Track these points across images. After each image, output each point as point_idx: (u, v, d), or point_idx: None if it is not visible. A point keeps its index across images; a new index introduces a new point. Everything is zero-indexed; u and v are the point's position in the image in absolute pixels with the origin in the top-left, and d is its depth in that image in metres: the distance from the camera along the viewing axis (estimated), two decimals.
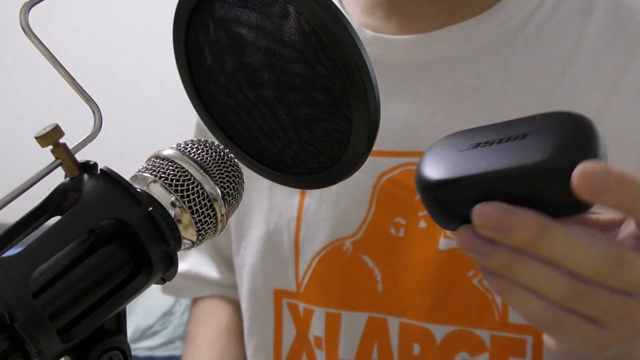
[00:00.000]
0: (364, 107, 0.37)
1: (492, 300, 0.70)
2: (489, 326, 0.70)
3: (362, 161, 0.40)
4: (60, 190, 0.38)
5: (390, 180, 0.72)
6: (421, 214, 0.71)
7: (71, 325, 0.35)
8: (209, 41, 0.41)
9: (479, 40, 0.71)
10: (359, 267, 0.74)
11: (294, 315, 0.78)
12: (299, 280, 0.76)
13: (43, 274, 0.35)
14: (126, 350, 0.37)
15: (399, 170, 0.72)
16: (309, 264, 0.76)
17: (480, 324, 0.71)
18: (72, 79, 0.37)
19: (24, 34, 0.37)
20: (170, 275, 0.39)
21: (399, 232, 0.72)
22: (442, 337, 0.72)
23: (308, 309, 0.76)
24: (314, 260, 0.76)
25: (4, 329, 0.33)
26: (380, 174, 0.72)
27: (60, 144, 0.37)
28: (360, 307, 0.74)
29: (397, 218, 0.72)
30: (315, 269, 0.76)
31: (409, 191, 0.71)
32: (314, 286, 0.76)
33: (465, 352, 0.71)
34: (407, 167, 0.72)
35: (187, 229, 0.39)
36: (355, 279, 0.74)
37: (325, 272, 0.75)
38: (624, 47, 0.69)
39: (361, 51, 0.36)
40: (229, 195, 0.41)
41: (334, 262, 0.75)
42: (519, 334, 0.70)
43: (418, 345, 0.72)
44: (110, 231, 0.37)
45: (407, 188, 0.71)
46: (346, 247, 0.74)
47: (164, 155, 0.40)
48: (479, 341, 0.71)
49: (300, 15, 0.36)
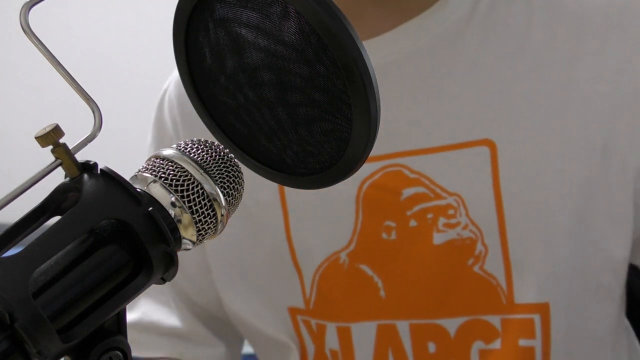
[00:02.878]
0: (364, 107, 0.37)
1: (496, 285, 0.71)
2: (498, 310, 0.71)
3: (362, 161, 0.40)
4: (60, 190, 0.38)
5: (372, 186, 0.72)
6: (410, 212, 0.71)
7: (71, 325, 0.35)
8: (209, 41, 0.41)
9: (434, 34, 0.71)
10: (358, 278, 0.74)
11: (309, 331, 0.78)
12: (307, 297, 0.76)
13: (43, 274, 0.35)
14: (126, 350, 0.37)
15: (380, 174, 0.72)
16: (312, 281, 0.76)
17: (490, 310, 0.71)
18: (72, 79, 0.37)
19: (24, 34, 0.37)
20: (170, 275, 0.39)
21: (391, 235, 0.72)
22: (455, 329, 0.72)
23: (320, 324, 0.76)
24: (315, 277, 0.75)
25: (4, 329, 0.33)
26: (361, 181, 0.72)
27: (60, 144, 0.37)
28: (367, 316, 0.74)
29: (386, 222, 0.72)
30: (318, 285, 0.75)
31: (393, 193, 0.71)
32: (320, 302, 0.76)
33: (480, 341, 0.71)
34: (388, 169, 0.72)
35: (187, 229, 0.39)
36: (358, 289, 0.74)
37: (328, 287, 0.75)
38: (573, 16, 0.70)
39: (361, 51, 0.36)
40: (229, 195, 0.41)
41: (334, 277, 0.74)
42: (526, 314, 0.71)
43: (433, 344, 0.72)
44: (110, 231, 0.37)
45: (391, 190, 0.71)
46: (342, 260, 0.74)
47: (164, 155, 0.40)
48: (490, 327, 0.72)
49: (300, 15, 0.36)
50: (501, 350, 0.72)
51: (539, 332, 0.71)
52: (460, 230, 0.71)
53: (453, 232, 0.71)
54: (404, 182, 0.71)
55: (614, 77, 0.69)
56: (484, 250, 0.71)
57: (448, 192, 0.71)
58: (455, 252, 0.71)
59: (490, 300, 0.71)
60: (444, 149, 0.71)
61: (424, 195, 0.71)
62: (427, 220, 0.71)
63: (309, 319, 0.77)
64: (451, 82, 0.71)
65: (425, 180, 0.71)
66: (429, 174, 0.71)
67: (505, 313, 0.71)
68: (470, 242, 0.71)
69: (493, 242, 0.71)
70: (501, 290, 0.71)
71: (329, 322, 0.75)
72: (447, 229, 0.71)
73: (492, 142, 0.70)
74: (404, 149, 0.72)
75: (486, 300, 0.71)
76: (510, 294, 0.71)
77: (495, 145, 0.70)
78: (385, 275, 0.73)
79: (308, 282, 0.76)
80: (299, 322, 0.78)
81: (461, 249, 0.71)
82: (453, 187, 0.71)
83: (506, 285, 0.71)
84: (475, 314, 0.72)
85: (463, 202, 0.71)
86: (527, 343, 0.71)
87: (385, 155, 0.72)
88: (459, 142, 0.71)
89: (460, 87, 0.71)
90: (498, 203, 0.70)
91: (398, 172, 0.72)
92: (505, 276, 0.71)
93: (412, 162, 0.71)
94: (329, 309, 0.75)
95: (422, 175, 0.71)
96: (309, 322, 0.77)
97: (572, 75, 0.69)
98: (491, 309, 0.71)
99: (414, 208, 0.71)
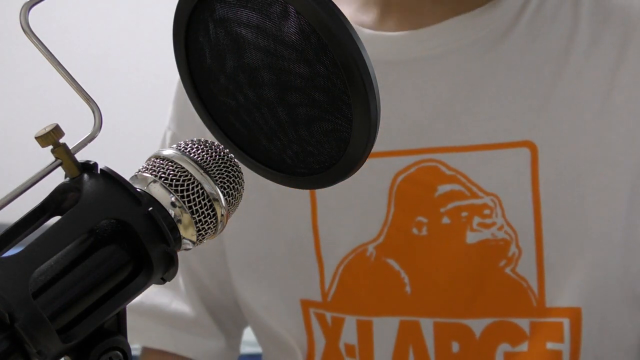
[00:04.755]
0: (364, 107, 0.37)
1: (527, 288, 0.70)
2: (528, 313, 0.70)
3: (362, 161, 0.40)
4: (60, 190, 0.38)
5: (406, 180, 0.72)
6: (443, 209, 0.71)
7: (71, 325, 0.35)
8: (209, 41, 0.41)
9: (480, 32, 0.71)
10: (384, 272, 0.73)
11: (322, 325, 0.77)
12: (325, 290, 0.75)
13: (43, 274, 0.35)
14: (126, 350, 0.37)
15: (414, 168, 0.72)
16: (334, 273, 0.75)
17: (519, 313, 0.71)
18: (72, 79, 0.37)
19: (24, 34, 0.37)
20: (170, 275, 0.39)
21: (422, 231, 0.72)
22: (481, 330, 0.71)
23: (337, 318, 0.75)
24: (338, 269, 0.75)
25: (4, 329, 0.33)
26: (395, 174, 0.72)
27: (60, 144, 0.37)
28: (390, 311, 0.74)
29: (418, 217, 0.72)
30: (341, 277, 0.75)
31: (427, 188, 0.71)
32: (342, 295, 0.75)
33: (506, 344, 0.71)
34: (423, 164, 0.71)
35: (187, 229, 0.39)
36: (383, 283, 0.73)
37: (352, 279, 0.74)
38: (619, 21, 0.69)
39: (361, 51, 0.36)
40: (229, 195, 0.41)
41: (359, 269, 0.74)
42: (556, 317, 0.70)
43: (457, 343, 0.72)
44: (110, 231, 0.37)
45: (425, 185, 0.71)
46: (369, 253, 0.73)
47: (164, 155, 0.40)
48: (518, 330, 0.71)
49: (300, 15, 0.36)
50: (528, 353, 0.71)
51: (567, 336, 0.70)
52: (495, 230, 0.70)
53: (487, 232, 0.71)
54: (440, 178, 0.71)
55: None
56: (518, 252, 0.70)
57: (485, 192, 0.71)
58: (487, 252, 0.70)
59: (520, 303, 0.70)
60: (482, 147, 0.71)
61: (460, 193, 0.71)
62: (461, 218, 0.70)
63: (324, 312, 0.76)
64: (493, 82, 0.71)
65: (462, 178, 0.71)
66: (465, 172, 0.71)
67: (535, 316, 0.70)
68: (504, 244, 0.70)
69: (528, 245, 0.70)
70: (532, 293, 0.70)
71: (348, 315, 0.74)
72: (481, 228, 0.71)
73: (533, 144, 0.69)
74: (441, 144, 0.71)
75: (516, 302, 0.70)
76: (541, 298, 0.70)
77: (536, 148, 0.69)
78: (412, 271, 0.72)
79: (329, 274, 0.75)
80: (311, 315, 0.77)
81: (494, 250, 0.70)
82: (490, 187, 0.70)
83: (537, 289, 0.70)
84: (503, 316, 0.71)
85: (500, 202, 0.70)
86: (555, 347, 0.70)
87: (421, 150, 0.71)
88: (498, 142, 0.70)
89: (502, 87, 0.70)
90: (536, 206, 0.69)
91: (434, 168, 0.71)
92: (537, 279, 0.70)
93: (448, 159, 0.71)
94: (350, 302, 0.75)
95: (458, 172, 0.71)
96: (323, 315, 0.76)
97: (616, 80, 0.68)
98: (521, 312, 0.71)
99: (448, 205, 0.70)
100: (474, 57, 0.71)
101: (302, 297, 0.77)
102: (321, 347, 0.77)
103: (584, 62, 0.69)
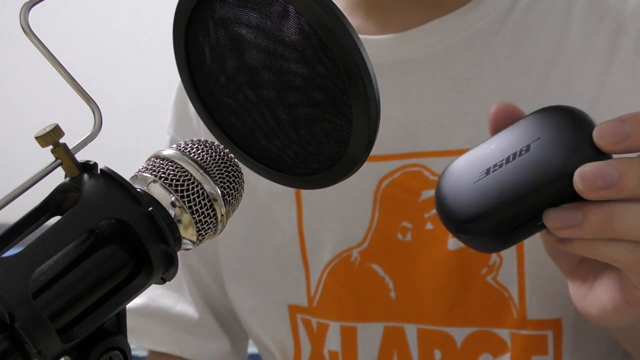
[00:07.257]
0: (364, 107, 0.37)
1: (508, 298, 0.69)
2: (508, 325, 0.69)
3: (362, 161, 0.40)
4: (60, 190, 0.38)
5: (391, 184, 0.71)
6: (427, 215, 0.70)
7: (71, 325, 0.35)
8: (209, 41, 0.41)
9: (466, 32, 0.70)
10: (369, 277, 0.72)
11: (308, 331, 0.76)
12: (311, 295, 0.75)
13: (43, 274, 0.35)
14: (126, 350, 0.37)
15: (399, 173, 0.71)
16: (320, 278, 0.74)
17: (499, 323, 0.70)
18: (72, 79, 0.37)
19: (24, 34, 0.37)
20: (170, 275, 0.39)
21: (406, 237, 0.71)
22: (463, 339, 0.70)
23: (322, 324, 0.75)
24: (323, 274, 0.74)
25: (4, 329, 0.33)
26: (380, 178, 0.71)
27: (60, 144, 0.37)
28: (375, 317, 0.73)
29: (402, 222, 0.71)
30: (325, 282, 0.74)
31: (412, 193, 0.70)
32: (326, 300, 0.74)
33: (488, 354, 0.70)
34: (407, 169, 0.70)
35: (187, 229, 0.39)
36: (367, 289, 0.73)
37: (336, 285, 0.74)
38: (611, 27, 0.68)
39: (361, 51, 0.36)
40: (229, 195, 0.41)
41: (344, 274, 0.73)
42: (539, 330, 0.69)
43: (439, 351, 0.71)
44: (110, 231, 0.37)
45: (410, 190, 0.70)
46: (354, 258, 0.72)
47: (164, 155, 0.40)
48: (500, 341, 0.70)
49: (300, 15, 0.36)
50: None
51: (551, 349, 0.70)
52: None
53: None
54: (424, 183, 0.70)
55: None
56: (499, 260, 0.69)
57: None
58: (469, 259, 0.69)
59: (501, 313, 0.69)
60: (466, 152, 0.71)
61: None
62: None
63: (310, 317, 0.75)
64: (478, 84, 0.69)
65: None
66: None
67: (516, 328, 0.69)
68: None
69: (508, 254, 0.69)
70: (513, 304, 0.69)
71: (332, 322, 0.74)
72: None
73: None
74: (425, 149, 0.70)
75: (497, 312, 0.69)
76: (522, 309, 0.69)
77: None
78: (397, 276, 0.72)
79: (314, 279, 0.74)
80: (298, 320, 0.76)
81: (475, 257, 0.69)
82: None
83: (518, 299, 0.69)
84: (484, 326, 0.70)
85: None
86: (539, 359, 0.70)
87: (406, 155, 0.70)
88: None
89: (488, 90, 0.69)
90: None
91: (418, 173, 0.70)
92: (518, 289, 0.69)
93: (432, 164, 0.70)
94: (334, 308, 0.74)
95: None
96: (309, 321, 0.76)
97: (604, 87, 0.67)
98: (501, 323, 0.69)
99: (431, 211, 0.69)
100: (459, 59, 0.70)
101: (290, 302, 0.76)
102: (307, 353, 0.77)
103: (573, 65, 0.68)
